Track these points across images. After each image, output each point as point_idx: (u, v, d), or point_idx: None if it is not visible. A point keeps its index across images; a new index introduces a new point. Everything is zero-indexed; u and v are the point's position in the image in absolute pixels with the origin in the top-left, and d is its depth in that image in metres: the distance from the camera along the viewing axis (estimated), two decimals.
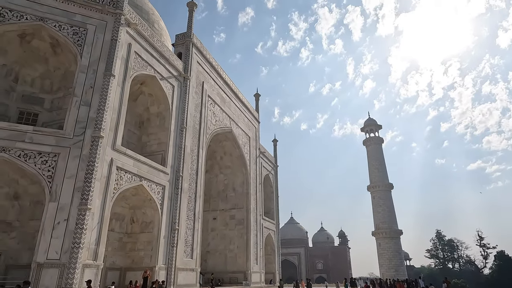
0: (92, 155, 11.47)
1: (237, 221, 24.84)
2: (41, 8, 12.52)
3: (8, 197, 11.96)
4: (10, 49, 12.86)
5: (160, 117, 16.85)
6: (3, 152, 10.55)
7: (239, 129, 24.90)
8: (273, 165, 33.39)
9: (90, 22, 13.28)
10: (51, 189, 10.78)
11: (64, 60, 13.59)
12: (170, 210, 15.34)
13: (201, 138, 19.05)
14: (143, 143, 16.82)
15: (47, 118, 13.59)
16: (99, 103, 12.18)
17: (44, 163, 11.00)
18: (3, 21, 11.83)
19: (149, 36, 15.75)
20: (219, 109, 22.08)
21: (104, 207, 11.73)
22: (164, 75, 16.51)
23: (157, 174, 14.84)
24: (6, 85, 13.08)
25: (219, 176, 26.02)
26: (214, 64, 22.19)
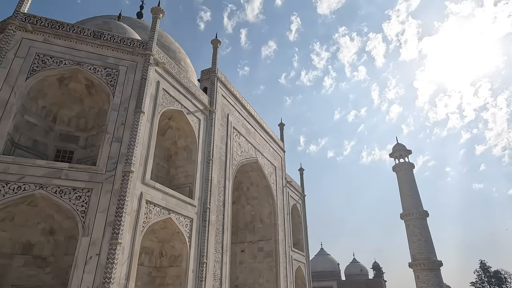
0: (123, 190, 11.80)
1: (266, 253, 24.24)
2: (79, 54, 13.54)
3: (44, 232, 12.38)
4: (50, 92, 13.82)
5: (187, 150, 17.23)
6: (41, 189, 11.07)
7: (265, 159, 24.91)
8: (300, 194, 32.83)
9: (122, 64, 14.15)
10: (84, 223, 11.08)
11: (98, 99, 14.41)
12: (198, 243, 15.27)
13: (227, 169, 19.20)
14: (171, 176, 17.14)
15: (81, 155, 14.24)
16: (130, 139, 12.68)
17: (78, 198, 11.41)
18: (44, 67, 12.86)
19: (176, 73, 16.50)
20: (244, 140, 22.33)
21: (134, 241, 11.87)
22: (191, 109, 17.07)
23: (185, 207, 14.96)
24: (46, 126, 13.95)
25: (246, 207, 25.83)
26: (238, 97, 22.73)
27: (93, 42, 13.99)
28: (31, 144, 13.34)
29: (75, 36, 13.76)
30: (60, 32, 13.57)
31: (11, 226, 11.74)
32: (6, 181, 10.77)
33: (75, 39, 13.74)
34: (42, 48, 13.13)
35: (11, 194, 10.70)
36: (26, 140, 13.22)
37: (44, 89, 13.58)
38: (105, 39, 14.25)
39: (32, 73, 12.59)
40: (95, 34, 14.17)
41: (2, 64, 12.19)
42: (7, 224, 11.64)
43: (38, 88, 13.22)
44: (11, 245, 11.82)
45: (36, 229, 12.27)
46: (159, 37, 17.68)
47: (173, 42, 26.70)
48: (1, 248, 11.53)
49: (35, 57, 12.84)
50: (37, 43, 13.13)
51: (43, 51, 13.05)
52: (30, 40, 13.05)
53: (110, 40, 14.34)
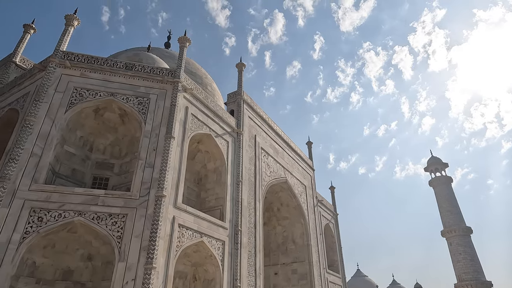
0: (156, 214, 12.03)
1: (300, 276, 23.55)
2: (112, 85, 14.31)
3: (82, 258, 12.76)
4: (86, 123, 14.59)
5: (217, 172, 17.41)
6: (79, 216, 11.51)
7: (294, 179, 24.64)
8: (333, 213, 31.98)
9: (152, 92, 14.77)
10: (120, 249, 11.32)
11: (130, 127, 15.02)
12: (231, 266, 15.11)
13: (257, 190, 19.14)
14: (202, 199, 17.30)
15: (116, 181, 14.75)
16: (162, 164, 13.03)
17: (114, 224, 11.73)
18: (81, 99, 13.67)
19: (204, 98, 16.96)
20: (273, 160, 22.29)
21: (168, 266, 11.96)
22: (219, 132, 17.36)
23: (216, 230, 14.97)
24: (83, 155, 14.65)
25: (277, 228, 25.43)
26: (265, 117, 22.91)
27: (125, 73, 14.77)
28: (70, 173, 14.02)
29: (109, 69, 14.60)
30: (95, 66, 14.46)
31: (52, 253, 12.20)
32: (48, 209, 11.31)
33: (108, 71, 14.57)
34: (79, 82, 14.02)
35: (52, 221, 11.20)
36: (66, 169, 13.91)
37: (81, 120, 14.37)
38: (136, 70, 15.01)
39: (71, 106, 13.41)
40: (127, 66, 14.97)
41: (44, 99, 13.09)
42: (49, 251, 12.11)
43: (76, 120, 14.02)
44: (53, 271, 12.24)
45: (75, 255, 12.66)
46: (186, 64, 18.37)
47: (200, 68, 27.63)
48: (44, 275, 11.96)
49: (73, 91, 13.72)
50: (74, 78, 14.04)
51: (80, 85, 13.92)
52: (68, 76, 13.99)
53: (140, 70, 15.07)
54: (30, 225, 10.97)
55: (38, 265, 11.86)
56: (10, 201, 11.06)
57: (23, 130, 12.31)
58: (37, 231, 10.92)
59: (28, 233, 10.83)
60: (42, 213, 11.22)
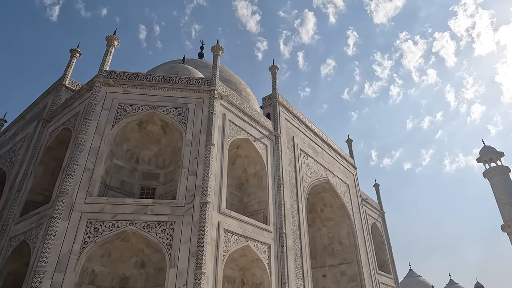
0: (202, 220, 12.33)
1: (349, 278, 22.91)
2: (152, 98, 14.97)
3: (136, 265, 13.36)
4: (132, 136, 15.34)
5: (258, 176, 17.50)
6: (131, 225, 12.09)
7: (336, 178, 24.13)
8: (379, 212, 30.85)
9: (190, 102, 15.23)
10: (170, 255, 11.73)
11: (172, 138, 15.57)
12: (278, 269, 15.06)
13: (298, 192, 18.97)
14: (245, 204, 17.46)
15: (162, 190, 15.33)
16: (204, 171, 13.37)
17: (163, 231, 12.19)
18: (125, 115, 14.42)
19: (239, 103, 17.18)
20: (313, 160, 22.00)
21: (216, 270, 12.19)
22: (257, 136, 17.47)
23: (261, 233, 15.02)
24: (130, 167, 15.41)
25: (322, 229, 25.00)
26: (302, 118, 22.71)
27: (163, 86, 15.38)
28: (120, 185, 14.79)
29: (148, 83, 15.28)
30: (136, 82, 15.21)
31: (109, 261, 12.91)
32: (102, 220, 12.02)
33: (148, 86, 15.26)
34: (123, 98, 14.81)
35: (107, 231, 11.88)
36: (116, 182, 14.70)
37: (127, 134, 15.14)
38: (173, 82, 15.57)
39: (116, 121, 14.20)
40: (164, 79, 15.58)
41: (93, 117, 13.98)
42: (106, 259, 12.83)
43: (122, 134, 14.80)
44: (110, 279, 12.94)
45: (130, 263, 13.29)
46: (220, 72, 18.73)
47: (233, 75, 28.07)
48: (103, 282, 12.68)
49: (118, 107, 14.52)
50: (118, 95, 14.86)
51: (123, 101, 14.71)
52: (112, 93, 14.84)
53: (178, 82, 15.62)
54: (88, 235, 11.71)
55: (97, 273, 12.60)
56: (69, 214, 11.89)
57: (76, 147, 13.22)
58: (94, 241, 11.63)
59: (87, 243, 11.57)
60: (98, 224, 11.94)
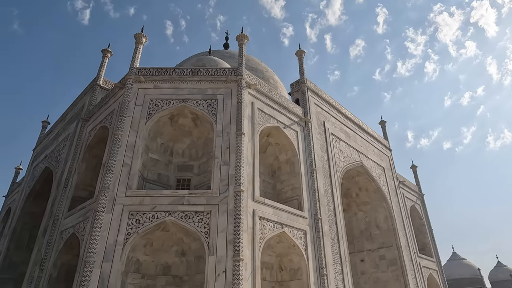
0: (237, 209, 12.56)
1: (389, 262, 22.51)
2: (182, 92, 15.27)
3: (177, 254, 13.90)
4: (165, 130, 15.78)
5: (290, 163, 17.46)
6: (169, 216, 12.55)
7: (370, 161, 23.55)
8: (418, 194, 29.85)
9: (219, 93, 15.38)
10: (209, 244, 12.08)
11: (203, 130, 15.84)
12: (315, 255, 15.08)
13: (332, 177, 18.75)
14: (278, 191, 17.53)
15: (197, 181, 15.73)
16: (236, 161, 13.54)
17: (200, 221, 12.55)
18: (157, 109, 14.84)
19: (267, 91, 17.10)
20: (345, 144, 21.58)
21: (254, 257, 12.42)
22: (287, 123, 17.37)
23: (296, 220, 15.05)
24: (165, 160, 15.91)
25: (358, 214, 24.63)
26: (332, 102, 22.26)
27: (192, 79, 15.62)
28: (156, 177, 15.34)
29: (177, 77, 15.58)
30: (165, 77, 15.56)
31: (151, 250, 13.53)
32: (143, 212, 12.57)
33: (177, 80, 15.56)
34: (154, 93, 15.23)
35: (148, 222, 12.42)
36: (152, 175, 15.26)
37: (160, 128, 15.60)
38: (201, 74, 15.77)
39: (149, 116, 14.66)
40: (192, 72, 15.80)
41: (127, 113, 14.51)
42: (148, 249, 13.46)
43: (155, 129, 15.26)
44: (154, 267, 13.57)
45: (171, 251, 13.85)
46: (247, 61, 18.69)
47: (260, 63, 27.93)
48: (147, 270, 13.34)
49: (149, 102, 14.96)
50: (149, 91, 15.29)
51: (154, 96, 15.13)
52: (144, 89, 15.29)
53: (205, 74, 15.79)
54: (130, 227, 12.31)
55: (142, 262, 13.26)
56: (112, 207, 12.54)
57: (114, 143, 13.82)
58: (136, 232, 12.22)
59: (130, 234, 12.17)
60: (139, 216, 12.51)
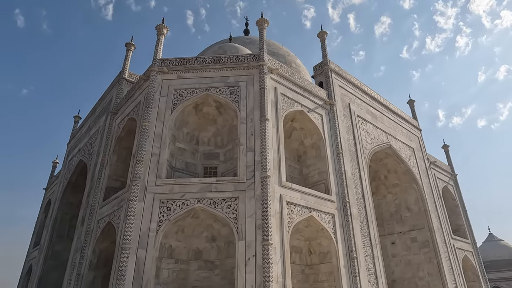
0: (264, 194, 12.66)
1: (421, 244, 22.06)
2: (205, 81, 15.37)
3: (208, 239, 14.28)
4: (190, 120, 16.02)
5: (315, 147, 17.31)
6: (198, 203, 12.86)
7: (399, 142, 22.91)
8: (450, 174, 28.84)
9: (241, 80, 15.36)
10: (238, 229, 12.31)
11: (227, 117, 15.94)
12: (344, 238, 15.02)
13: (359, 160, 18.44)
14: (305, 175, 17.48)
15: (224, 168, 15.94)
16: (261, 147, 13.57)
17: (228, 207, 12.78)
18: (182, 100, 15.05)
19: (290, 75, 16.88)
20: (372, 126, 21.07)
21: (283, 241, 12.54)
22: (311, 107, 17.13)
23: (324, 204, 15.00)
24: (192, 148, 16.20)
25: (387, 196, 24.17)
26: (357, 83, 21.69)
27: (214, 67, 15.66)
28: (184, 166, 15.68)
29: (200, 67, 15.67)
30: (187, 66, 15.69)
31: (183, 236, 13.97)
32: (173, 200, 12.95)
33: (199, 69, 15.65)
34: (177, 84, 15.43)
35: (178, 210, 12.79)
36: (180, 163, 15.60)
37: (185, 118, 15.84)
38: (223, 62, 15.76)
39: (174, 107, 14.91)
40: (214, 60, 15.83)
41: (153, 105, 14.82)
42: (180, 235, 13.89)
43: (180, 118, 15.52)
44: (186, 252, 14.03)
45: (202, 237, 14.24)
46: (268, 46, 18.46)
47: (281, 47, 27.53)
48: (180, 256, 13.81)
49: (174, 92, 15.19)
50: (173, 81, 15.50)
51: (178, 86, 15.32)
52: (168, 80, 15.52)
53: (227, 61, 15.77)
54: (162, 214, 12.73)
55: (174, 248, 13.73)
56: (144, 196, 12.99)
57: (142, 134, 14.21)
58: (168, 219, 12.63)
59: (162, 222, 12.61)
60: (169, 204, 12.90)
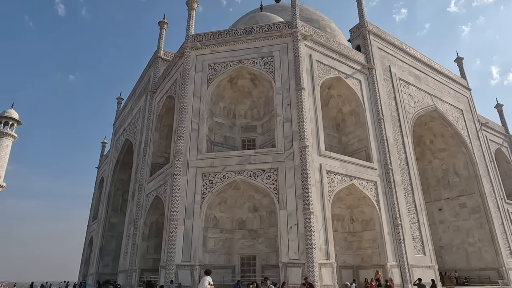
0: (303, 164, 12.64)
1: (471, 210, 21.10)
2: (238, 53, 15.24)
3: (250, 210, 14.69)
4: (226, 94, 16.12)
5: (354, 114, 16.78)
6: (239, 175, 13.16)
7: (446, 104, 21.52)
8: (504, 135, 26.81)
9: (275, 49, 15.03)
10: (279, 199, 12.51)
11: (262, 89, 15.82)
12: (388, 205, 14.75)
13: (402, 125, 17.65)
14: (344, 144, 17.12)
15: (261, 140, 16.04)
16: (298, 116, 13.42)
17: (268, 178, 12.96)
18: (216, 74, 15.11)
19: (325, 41, 16.22)
20: (415, 88, 19.91)
21: (324, 210, 12.60)
22: (348, 72, 16.47)
23: (365, 171, 14.70)
24: (229, 122, 16.40)
25: (433, 162, 23.10)
26: (398, 44, 20.39)
27: (246, 38, 15.42)
28: (223, 140, 15.99)
29: (232, 39, 15.51)
30: (220, 40, 15.59)
31: (226, 207, 14.48)
32: (214, 173, 13.36)
33: (232, 41, 15.50)
34: (211, 58, 15.45)
35: (220, 182, 13.20)
36: (219, 137, 15.92)
37: (221, 92, 15.95)
38: (255, 32, 15.47)
39: (209, 81, 15.03)
40: (246, 31, 15.57)
41: (188, 81, 15.05)
42: (223, 206, 14.42)
43: (216, 93, 15.66)
44: (230, 222, 14.59)
45: (244, 208, 14.68)
46: (300, 12, 17.70)
47: (314, 12, 26.35)
48: (225, 225, 14.40)
49: (208, 67, 15.27)
50: (207, 56, 15.54)
51: (212, 61, 15.36)
52: (202, 55, 15.59)
53: (259, 31, 15.45)
54: (205, 187, 13.23)
55: (218, 218, 14.31)
56: (187, 170, 13.52)
57: (180, 111, 14.59)
58: (210, 191, 13.11)
59: (205, 194, 13.12)
60: (211, 177, 13.33)
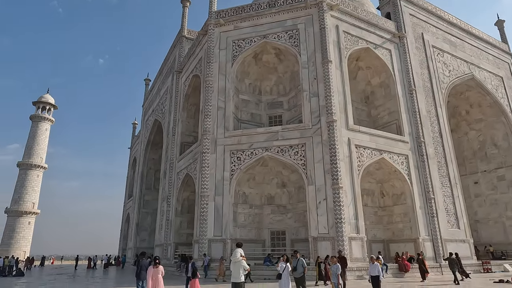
0: (331, 139, 12.47)
1: (510, 183, 20.14)
2: (262, 28, 14.93)
3: (278, 185, 14.82)
4: (251, 70, 15.98)
5: (384, 86, 16.17)
6: (266, 152, 13.21)
7: (484, 72, 20.22)
8: None
9: (299, 22, 14.59)
10: (307, 174, 12.50)
11: (288, 64, 15.52)
12: (420, 179, 14.37)
13: (436, 95, 16.85)
14: (374, 117, 16.64)
15: (288, 116, 15.91)
16: (325, 91, 13.12)
17: (296, 154, 12.93)
18: (240, 51, 14.94)
19: (352, 10, 15.51)
20: (450, 56, 18.79)
21: (353, 184, 12.48)
22: (377, 42, 15.76)
23: (395, 145, 14.30)
24: (255, 99, 16.33)
25: (469, 133, 22.03)
26: (431, 9, 19.15)
27: (269, 12, 15.03)
28: (249, 117, 16.01)
29: (255, 13, 15.17)
30: (243, 15, 15.30)
31: (254, 184, 14.68)
32: (242, 150, 13.49)
33: (255, 16, 15.17)
34: (235, 35, 15.25)
35: (248, 159, 13.33)
36: (245, 115, 15.95)
37: (246, 69, 15.82)
38: (278, 5, 15.02)
39: (234, 58, 14.91)
40: (269, 4, 15.15)
41: (213, 59, 15.00)
42: (252, 182, 14.62)
43: (241, 70, 15.55)
44: (259, 198, 14.82)
45: (272, 184, 14.82)
46: None
47: None
48: (254, 201, 14.67)
49: (232, 44, 15.11)
50: (230, 33, 15.35)
51: (236, 37, 15.16)
52: (225, 32, 15.42)
53: (283, 3, 14.99)
54: (233, 164, 13.42)
55: (247, 194, 14.57)
56: (215, 148, 13.73)
57: (207, 89, 14.66)
58: (239, 168, 13.30)
59: (234, 171, 13.33)
60: (239, 154, 13.48)
